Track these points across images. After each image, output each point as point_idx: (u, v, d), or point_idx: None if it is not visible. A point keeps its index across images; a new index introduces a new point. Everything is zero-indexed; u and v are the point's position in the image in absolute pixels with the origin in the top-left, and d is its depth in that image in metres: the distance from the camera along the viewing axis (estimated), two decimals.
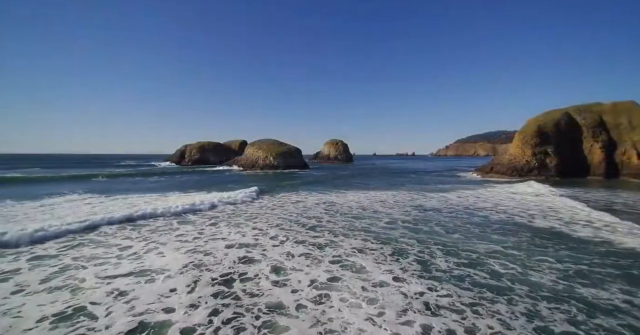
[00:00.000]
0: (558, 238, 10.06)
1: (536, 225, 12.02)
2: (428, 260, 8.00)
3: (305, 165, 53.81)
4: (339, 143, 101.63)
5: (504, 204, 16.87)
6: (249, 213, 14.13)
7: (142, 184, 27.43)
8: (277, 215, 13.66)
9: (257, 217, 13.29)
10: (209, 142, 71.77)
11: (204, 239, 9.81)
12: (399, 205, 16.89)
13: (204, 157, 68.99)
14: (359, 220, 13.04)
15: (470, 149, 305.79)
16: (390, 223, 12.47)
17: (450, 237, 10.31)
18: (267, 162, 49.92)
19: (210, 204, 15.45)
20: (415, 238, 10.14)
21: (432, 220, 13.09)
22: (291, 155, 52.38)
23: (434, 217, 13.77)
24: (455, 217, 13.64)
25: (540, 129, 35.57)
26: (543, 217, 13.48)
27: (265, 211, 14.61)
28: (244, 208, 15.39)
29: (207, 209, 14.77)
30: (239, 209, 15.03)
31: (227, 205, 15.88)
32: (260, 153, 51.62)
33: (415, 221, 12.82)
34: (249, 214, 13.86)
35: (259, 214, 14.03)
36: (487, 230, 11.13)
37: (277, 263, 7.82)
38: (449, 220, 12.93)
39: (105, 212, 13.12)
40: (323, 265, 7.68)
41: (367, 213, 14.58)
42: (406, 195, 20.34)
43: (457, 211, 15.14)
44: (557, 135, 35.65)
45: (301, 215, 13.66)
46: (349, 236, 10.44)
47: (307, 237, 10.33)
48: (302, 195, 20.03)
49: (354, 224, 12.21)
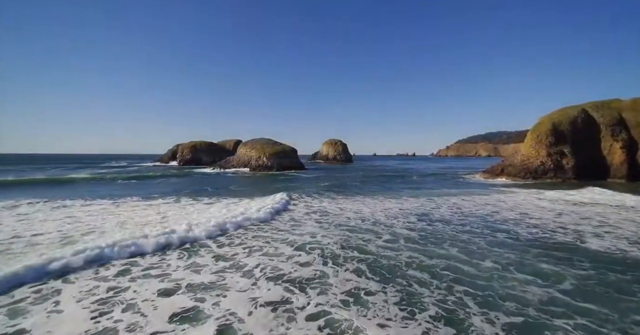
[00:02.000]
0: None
1: (594, 248, 9.04)
2: (457, 317, 5.07)
3: (301, 166, 50.88)
4: (337, 143, 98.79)
5: (533, 215, 13.94)
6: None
7: (93, 190, 24.41)
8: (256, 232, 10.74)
9: (226, 233, 10.37)
10: (202, 142, 68.84)
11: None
12: (403, 214, 14.01)
13: (196, 158, 66.06)
14: (354, 234, 10.19)
15: (472, 149, 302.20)
16: (391, 241, 9.60)
17: (477, 267, 7.38)
18: (260, 163, 46.98)
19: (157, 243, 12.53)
20: (428, 269, 7.24)
21: (445, 237, 10.22)
22: (286, 155, 49.44)
23: (447, 232, 10.89)
24: (475, 233, 10.74)
25: (555, 127, 32.65)
26: (597, 235, 10.50)
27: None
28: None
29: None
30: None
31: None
32: (253, 153, 48.68)
33: (423, 239, 9.95)
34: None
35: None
36: (526, 257, 8.17)
37: (226, 321, 4.91)
38: (468, 239, 10.03)
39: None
40: (294, 328, 4.77)
41: (366, 225, 11.72)
42: (410, 202, 17.41)
43: (475, 224, 12.25)
44: (573, 134, 32.71)
45: (289, 232, 10.70)
46: (339, 262, 7.59)
47: (289, 265, 7.46)
48: (292, 203, 17.11)
49: (349, 241, 9.37)
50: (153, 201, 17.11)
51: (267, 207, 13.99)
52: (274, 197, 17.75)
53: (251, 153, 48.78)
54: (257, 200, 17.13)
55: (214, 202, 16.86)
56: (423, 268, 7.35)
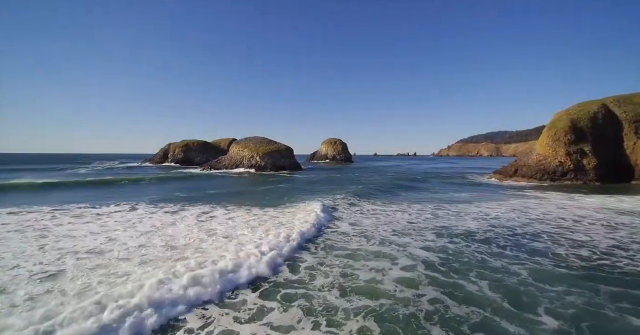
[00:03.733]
0: None
1: None
2: None
3: (297, 167, 47.95)
4: (337, 142, 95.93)
5: (574, 228, 11.00)
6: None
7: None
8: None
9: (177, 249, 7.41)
10: (195, 141, 65.93)
11: None
12: (414, 228, 11.11)
13: (189, 157, 63.20)
14: (358, 261, 7.31)
15: (473, 149, 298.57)
16: (409, 269, 6.79)
17: (531, 329, 4.47)
18: (252, 163, 44.07)
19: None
20: (455, 327, 4.40)
21: (472, 262, 7.48)
22: (281, 154, 46.49)
23: (472, 255, 8.09)
24: (508, 257, 7.93)
25: (574, 124, 29.68)
26: None
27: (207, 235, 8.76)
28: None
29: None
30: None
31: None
32: (245, 152, 45.75)
33: (445, 265, 7.20)
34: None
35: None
36: (598, 301, 5.24)
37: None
38: (502, 266, 7.27)
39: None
40: None
41: (373, 245, 8.84)
42: (421, 210, 14.49)
43: (503, 241, 9.50)
44: (593, 132, 29.74)
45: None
46: (335, 320, 4.75)
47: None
48: (279, 210, 14.21)
49: (353, 275, 6.50)
50: (72, 211, 14.18)
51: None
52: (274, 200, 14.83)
53: (243, 152, 45.87)
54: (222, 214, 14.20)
55: (172, 222, 13.92)
56: (448, 323, 4.48)
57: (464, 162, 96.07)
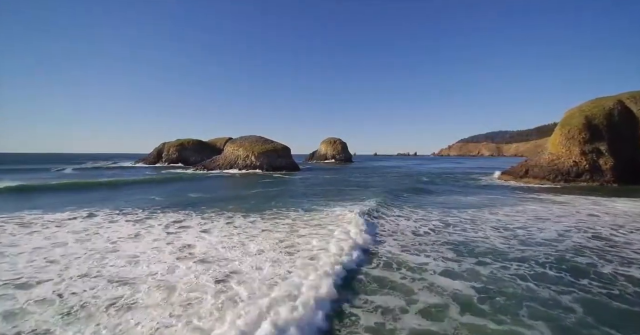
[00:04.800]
0: None
1: None
2: None
3: (294, 167, 46.03)
4: (337, 141, 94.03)
5: (617, 241, 9.07)
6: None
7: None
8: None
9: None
10: (190, 140, 63.99)
11: None
12: (427, 242, 9.19)
13: (184, 156, 61.27)
14: (362, 297, 5.26)
15: (474, 149, 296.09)
16: (436, 309, 4.93)
17: None
18: (247, 163, 42.16)
19: None
20: None
21: (517, 294, 5.65)
22: (277, 154, 44.57)
23: (511, 281, 6.27)
24: (554, 283, 6.25)
25: (589, 121, 27.74)
26: None
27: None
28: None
29: None
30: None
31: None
32: (240, 152, 43.83)
33: (483, 301, 5.30)
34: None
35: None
36: None
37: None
38: (551, 298, 5.62)
39: None
40: None
41: (373, 270, 6.89)
42: (430, 218, 12.56)
43: (542, 259, 7.75)
44: (609, 129, 27.80)
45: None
46: None
47: None
48: (267, 220, 12.29)
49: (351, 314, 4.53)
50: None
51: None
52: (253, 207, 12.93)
53: (238, 152, 43.95)
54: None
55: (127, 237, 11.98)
56: None
57: (467, 162, 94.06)
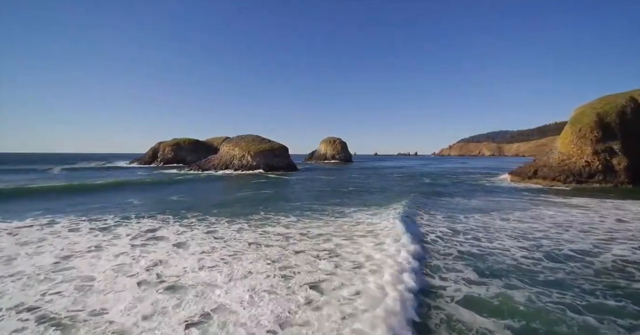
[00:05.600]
0: None
1: None
2: None
3: (292, 167, 44.63)
4: (336, 141, 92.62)
5: None
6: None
7: None
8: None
9: None
10: (186, 139, 62.61)
11: None
12: (437, 256, 7.71)
13: (180, 156, 59.88)
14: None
15: (475, 148, 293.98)
16: None
17: None
18: (243, 163, 40.75)
19: None
20: None
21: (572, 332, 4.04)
22: (274, 154, 43.16)
23: (566, 312, 4.64)
24: (611, 309, 4.52)
25: (601, 119, 26.30)
26: None
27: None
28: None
29: None
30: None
31: None
32: (236, 151, 42.43)
33: None
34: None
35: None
36: None
37: None
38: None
39: None
40: None
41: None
42: (437, 225, 11.14)
43: (583, 277, 6.30)
44: (622, 128, 26.32)
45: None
46: None
47: None
48: (254, 224, 10.89)
49: None
50: None
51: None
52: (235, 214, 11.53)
53: (234, 151, 42.55)
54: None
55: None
56: None
57: (470, 162, 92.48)
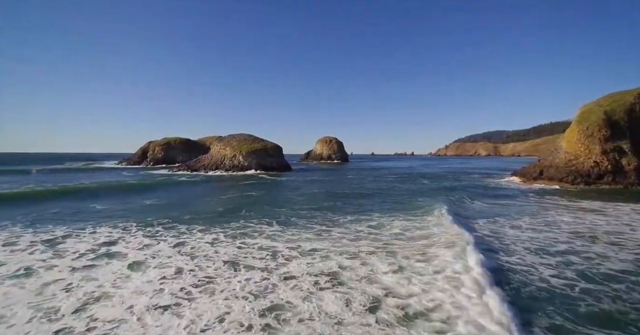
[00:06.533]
0: None
1: None
2: None
3: (285, 167, 43.00)
4: (332, 141, 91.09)
5: None
6: None
7: None
8: None
9: None
10: (177, 138, 60.65)
11: None
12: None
13: (170, 156, 57.91)
14: None
15: (471, 148, 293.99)
16: None
17: None
18: (235, 163, 39.04)
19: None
20: None
21: None
22: (267, 153, 41.50)
23: None
24: None
25: (608, 117, 25.05)
26: None
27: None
28: None
29: None
30: None
31: None
32: (227, 151, 40.69)
33: None
34: None
35: None
36: None
37: None
38: None
39: None
40: None
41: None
42: (448, 236, 9.59)
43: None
44: (631, 126, 25.11)
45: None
46: None
47: None
48: (231, 234, 9.28)
49: None
50: None
51: None
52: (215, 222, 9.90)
53: (225, 151, 40.81)
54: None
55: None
56: None
57: (469, 162, 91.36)
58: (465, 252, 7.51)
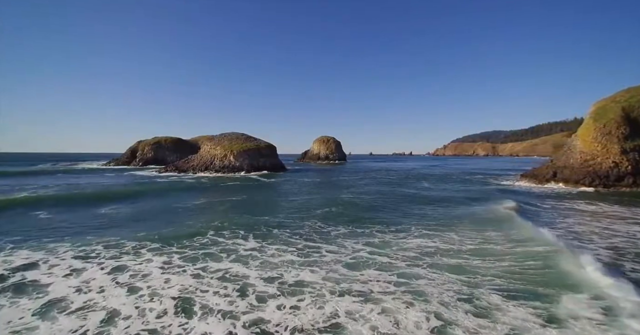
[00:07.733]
0: None
1: None
2: None
3: (280, 167, 40.87)
4: (330, 140, 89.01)
5: None
6: None
7: None
8: None
9: None
10: (167, 137, 58.32)
11: None
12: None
13: (160, 156, 55.58)
14: None
15: (469, 148, 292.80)
16: None
17: None
18: (225, 163, 36.84)
19: None
20: None
21: None
22: (260, 153, 39.35)
23: None
24: None
25: (627, 114, 23.13)
26: None
27: None
28: None
29: None
30: None
31: None
32: (217, 151, 38.48)
33: None
34: None
35: None
36: None
37: None
38: None
39: None
40: None
41: None
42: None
43: None
44: None
45: None
46: None
47: None
48: (191, 256, 7.14)
49: None
50: None
51: None
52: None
53: (215, 151, 38.60)
54: None
55: None
56: None
57: (469, 163, 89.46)
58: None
